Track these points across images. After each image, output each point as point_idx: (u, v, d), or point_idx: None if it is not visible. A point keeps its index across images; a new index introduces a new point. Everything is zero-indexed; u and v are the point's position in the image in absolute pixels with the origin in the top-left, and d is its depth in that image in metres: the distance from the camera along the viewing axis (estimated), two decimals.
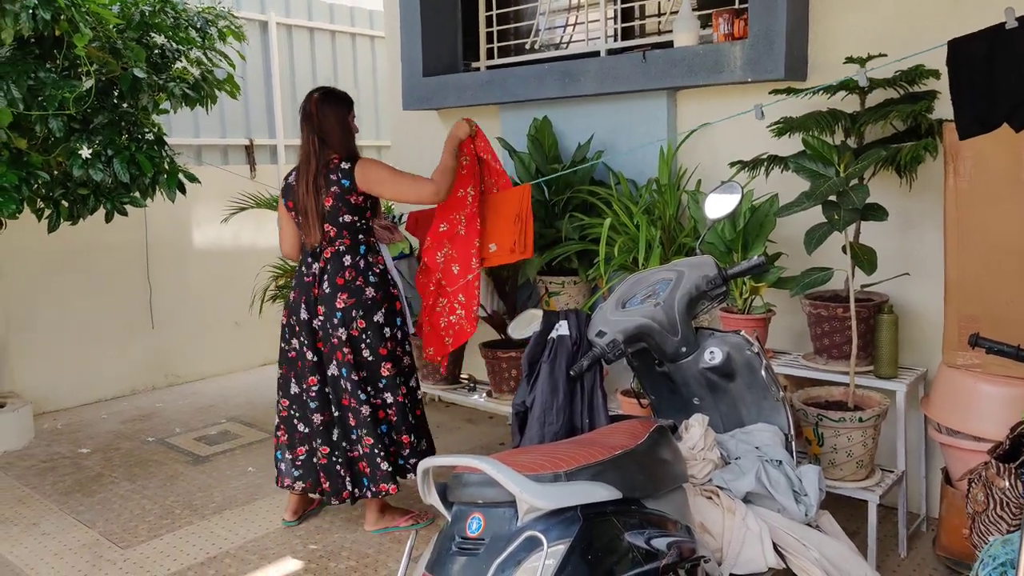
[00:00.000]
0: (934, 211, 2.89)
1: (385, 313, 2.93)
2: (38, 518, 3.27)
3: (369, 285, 2.91)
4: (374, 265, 2.95)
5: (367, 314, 2.89)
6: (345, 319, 2.86)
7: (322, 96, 2.91)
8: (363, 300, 2.89)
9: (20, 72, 2.95)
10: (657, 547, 1.59)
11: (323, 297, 2.89)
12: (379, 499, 3.03)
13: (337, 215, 2.87)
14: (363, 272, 2.91)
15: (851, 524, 2.79)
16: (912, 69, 2.71)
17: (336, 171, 2.85)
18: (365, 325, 2.89)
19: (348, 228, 2.89)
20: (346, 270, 2.89)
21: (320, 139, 2.87)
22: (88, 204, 3.36)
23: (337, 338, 2.88)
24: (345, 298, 2.87)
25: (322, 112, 2.87)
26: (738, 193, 2.29)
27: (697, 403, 2.23)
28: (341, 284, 2.88)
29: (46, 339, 4.69)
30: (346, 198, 2.85)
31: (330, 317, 2.87)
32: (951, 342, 2.67)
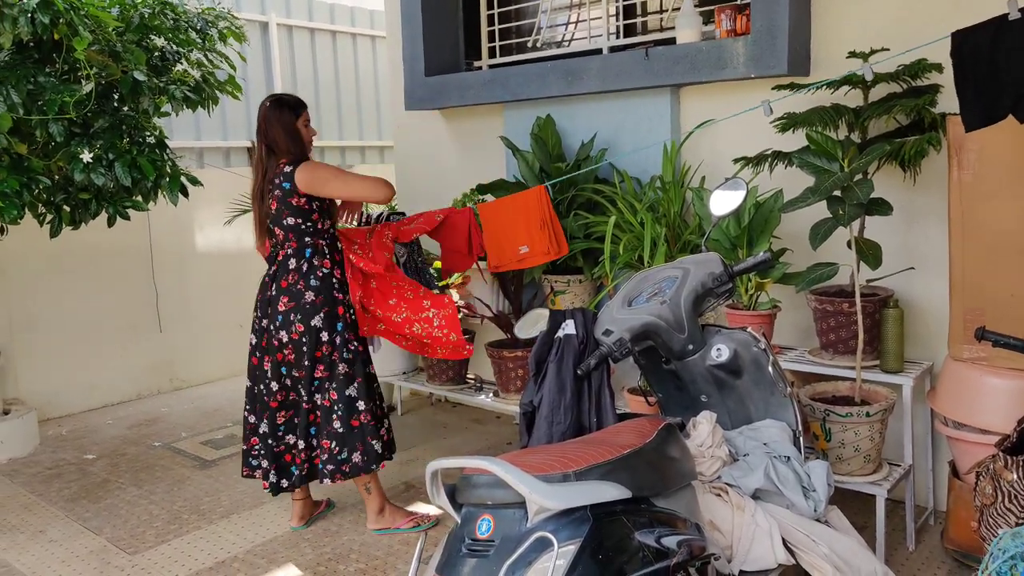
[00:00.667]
0: (938, 205, 2.88)
1: (324, 318, 2.91)
2: (45, 525, 3.27)
3: (309, 289, 2.91)
4: (318, 268, 2.94)
5: (304, 318, 2.89)
6: (284, 322, 2.90)
7: (270, 104, 2.97)
8: (302, 304, 2.90)
9: (19, 77, 2.95)
10: (667, 546, 1.59)
11: (270, 299, 2.95)
12: (379, 499, 3.07)
13: (281, 218, 2.91)
14: (304, 275, 2.92)
15: (859, 518, 2.79)
16: (915, 63, 2.70)
17: (280, 175, 2.90)
18: (303, 329, 2.89)
19: (293, 231, 2.92)
20: (290, 273, 2.93)
21: (267, 147, 2.94)
22: (90, 208, 3.35)
23: (278, 340, 2.93)
24: (286, 301, 2.91)
25: (268, 120, 2.94)
26: (743, 189, 2.29)
27: (705, 400, 2.23)
28: (284, 287, 2.93)
29: (50, 344, 4.70)
30: (288, 200, 2.88)
31: (273, 319, 2.93)
32: (956, 336, 2.67)
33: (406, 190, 4.70)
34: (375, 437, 3.00)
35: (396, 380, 4.22)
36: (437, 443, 4.04)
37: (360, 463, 2.97)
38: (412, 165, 4.72)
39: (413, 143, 4.67)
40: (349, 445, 2.96)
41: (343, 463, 2.95)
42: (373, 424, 3.00)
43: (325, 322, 2.92)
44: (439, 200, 4.09)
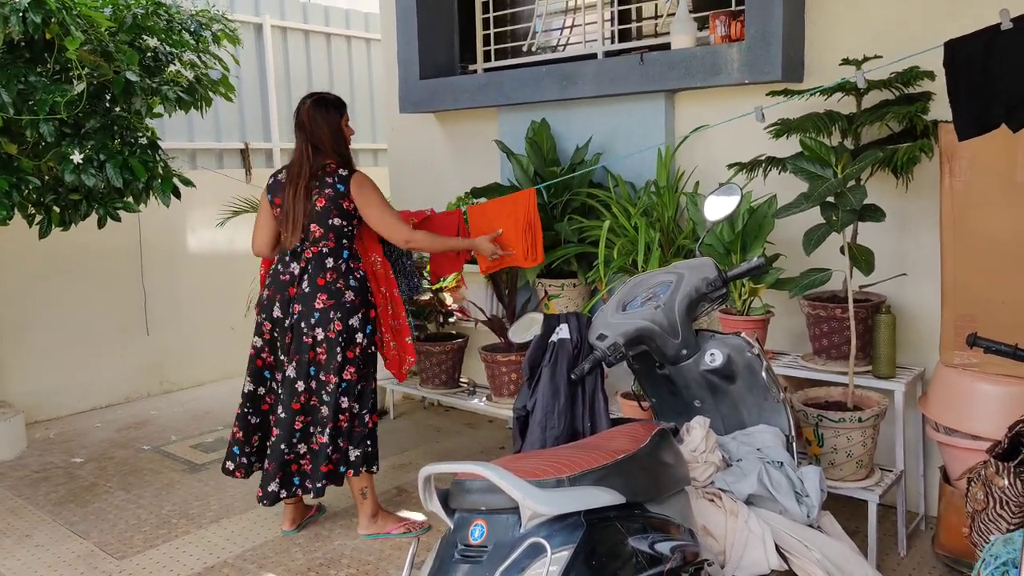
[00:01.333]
0: (930, 212, 2.89)
1: (360, 319, 2.95)
2: (31, 529, 3.24)
3: (349, 288, 2.93)
4: (356, 270, 2.98)
5: (344, 317, 2.90)
6: (323, 319, 2.88)
7: (314, 103, 2.96)
8: (342, 302, 2.90)
9: (10, 76, 2.92)
10: (661, 551, 1.58)
11: (301, 296, 2.91)
12: (373, 504, 3.05)
13: (328, 217, 2.90)
14: (344, 275, 2.93)
15: (851, 524, 2.79)
16: (907, 71, 2.71)
17: (333, 175, 2.91)
18: (342, 328, 2.90)
19: (335, 231, 2.93)
20: (327, 272, 2.92)
21: (313, 146, 2.93)
22: (80, 210, 3.33)
23: (312, 338, 2.90)
24: (324, 299, 2.89)
25: (314, 120, 2.93)
26: (737, 195, 2.29)
27: (698, 405, 2.22)
28: (322, 284, 2.90)
29: (38, 346, 4.66)
30: (339, 202, 2.90)
31: (307, 316, 2.89)
32: (948, 342, 2.68)
33: (400, 193, 4.69)
34: (373, 442, 3.07)
35: (389, 384, 4.20)
36: (429, 447, 4.02)
37: (356, 461, 3.00)
38: (406, 168, 4.71)
39: (407, 146, 4.66)
40: (370, 440, 3.03)
41: (355, 461, 2.99)
42: (371, 428, 3.06)
43: (361, 323, 2.95)
44: (433, 204, 4.08)
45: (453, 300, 4.08)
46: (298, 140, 2.97)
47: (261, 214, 3.08)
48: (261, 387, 3.07)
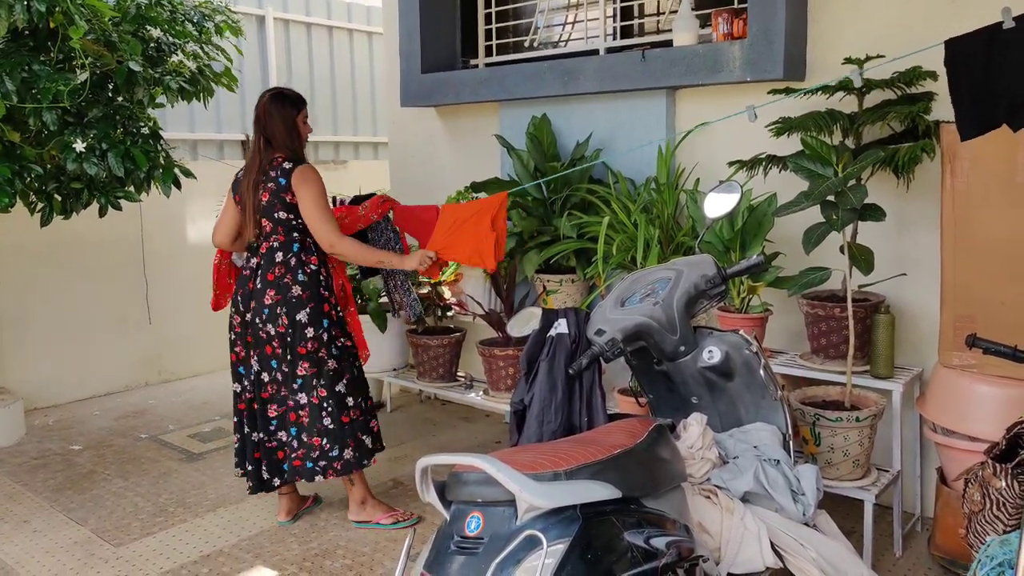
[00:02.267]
0: (931, 212, 2.89)
1: (310, 313, 2.91)
2: (29, 515, 3.25)
3: (296, 283, 2.92)
4: (306, 264, 2.95)
5: (291, 312, 2.90)
6: (271, 315, 2.90)
7: (271, 97, 2.99)
8: (288, 297, 2.90)
9: (14, 65, 2.92)
10: (656, 546, 1.59)
11: (255, 292, 2.94)
12: (362, 490, 3.08)
13: (272, 211, 2.92)
14: (292, 269, 2.93)
15: (847, 523, 2.79)
16: (910, 70, 2.71)
17: (278, 169, 2.92)
18: (288, 322, 2.90)
19: (283, 224, 2.93)
20: (276, 266, 2.93)
21: (266, 140, 2.96)
22: (82, 198, 3.33)
23: (266, 333, 2.92)
24: (272, 294, 2.91)
25: (269, 113, 2.95)
26: (737, 192, 2.29)
27: (695, 402, 2.23)
28: (271, 280, 2.92)
29: (38, 335, 4.66)
30: (281, 195, 2.90)
31: (259, 312, 2.92)
32: (947, 342, 2.68)
33: (400, 186, 4.69)
34: (365, 432, 3.05)
35: (386, 376, 4.21)
36: (426, 440, 4.03)
37: (352, 459, 2.99)
38: (406, 161, 4.71)
39: (408, 140, 4.66)
40: (340, 442, 2.97)
41: (335, 460, 2.96)
42: (362, 419, 3.05)
43: (311, 317, 2.92)
44: (432, 197, 4.08)
45: (451, 294, 4.08)
46: (254, 132, 3.01)
47: (225, 209, 3.10)
48: (238, 383, 3.07)
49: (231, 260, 3.23)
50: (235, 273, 3.19)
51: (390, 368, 4.18)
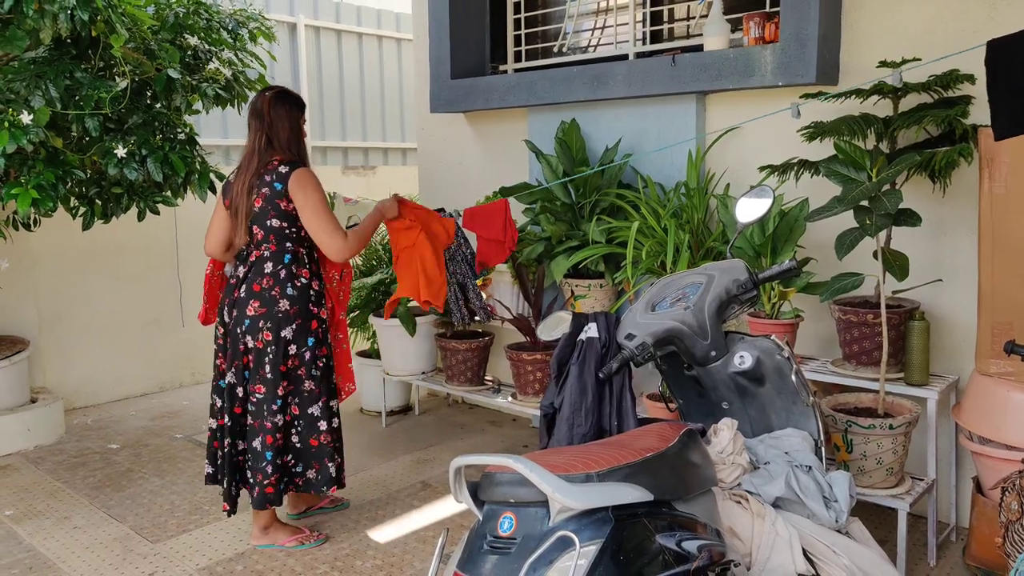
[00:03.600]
0: (968, 217, 2.86)
1: (296, 330, 2.76)
2: (69, 512, 3.33)
3: (284, 298, 2.75)
4: (296, 277, 2.78)
5: (275, 327, 2.74)
6: (252, 328, 2.74)
7: (276, 96, 2.83)
8: (274, 312, 2.74)
9: (58, 72, 3.01)
10: (688, 549, 1.59)
11: (239, 300, 2.78)
12: (265, 513, 2.90)
13: (265, 218, 2.75)
14: (281, 282, 2.76)
15: (880, 532, 2.77)
16: (947, 73, 2.68)
17: (273, 173, 2.75)
18: (271, 338, 2.74)
19: (275, 233, 2.76)
20: (264, 277, 2.76)
21: (267, 138, 2.78)
22: (121, 203, 3.42)
23: (244, 344, 2.77)
24: (256, 306, 2.75)
25: (274, 111, 2.79)
26: (770, 197, 2.29)
27: (726, 407, 2.22)
28: (256, 291, 2.76)
29: (77, 336, 4.77)
30: (276, 202, 2.73)
31: (240, 322, 2.77)
32: (984, 349, 2.64)
33: (429, 192, 4.73)
34: (331, 459, 2.91)
35: (414, 380, 4.24)
36: (453, 444, 4.06)
37: (314, 480, 2.90)
38: (435, 167, 4.75)
39: (437, 145, 4.70)
40: (304, 461, 2.88)
41: (296, 476, 2.89)
42: (331, 446, 2.91)
43: (296, 335, 2.78)
44: (461, 203, 4.11)
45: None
46: (252, 130, 2.81)
47: (215, 213, 2.94)
48: (219, 398, 2.91)
49: (223, 271, 3.08)
50: (223, 284, 3.05)
51: (418, 372, 4.22)
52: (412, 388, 4.54)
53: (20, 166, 3.04)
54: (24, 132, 2.80)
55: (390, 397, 4.43)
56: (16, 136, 2.79)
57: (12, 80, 2.91)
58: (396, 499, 3.39)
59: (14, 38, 2.85)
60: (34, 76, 2.94)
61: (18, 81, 2.92)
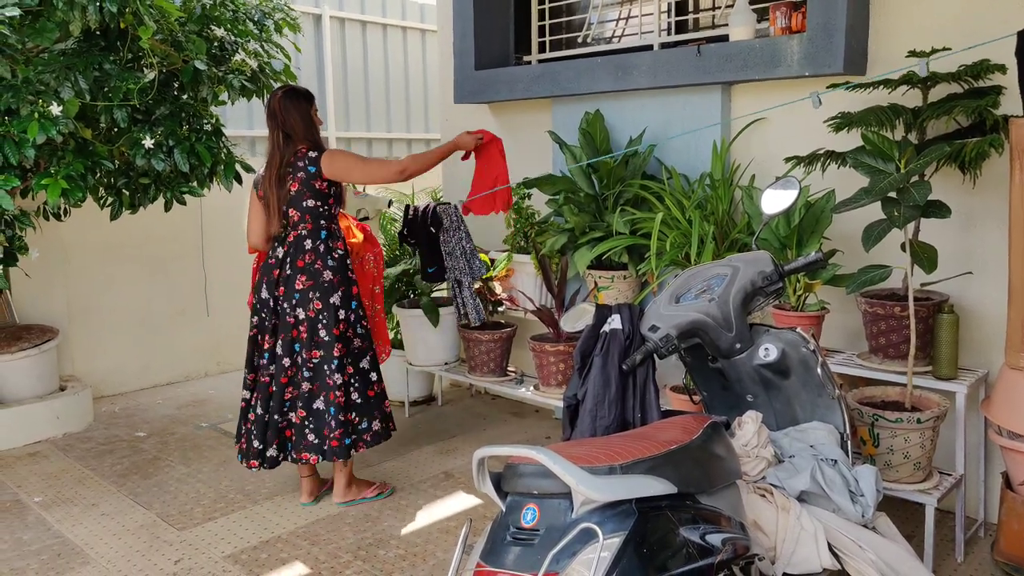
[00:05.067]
0: (998, 209, 2.81)
1: (341, 296, 3.09)
2: (97, 499, 3.39)
3: (327, 268, 3.07)
4: (334, 250, 3.11)
5: (323, 296, 3.05)
6: (303, 300, 3.04)
7: (285, 94, 3.10)
8: (320, 282, 3.05)
9: (87, 64, 3.05)
10: (712, 543, 1.59)
11: (284, 278, 3.08)
12: (346, 472, 3.21)
13: (301, 199, 3.05)
14: (322, 256, 3.07)
15: (906, 527, 2.74)
16: (977, 63, 2.63)
17: (303, 159, 3.04)
18: (321, 306, 3.05)
19: (311, 212, 3.07)
20: (306, 253, 3.07)
21: (285, 134, 3.06)
22: (149, 193, 3.46)
23: (294, 317, 3.07)
24: (304, 280, 3.05)
25: (285, 109, 3.07)
26: (796, 189, 2.26)
27: (751, 400, 2.21)
28: (301, 267, 3.06)
29: (104, 326, 4.85)
30: (311, 183, 3.03)
31: (289, 297, 3.06)
32: (1014, 343, 2.59)
33: (452, 182, 4.73)
34: (384, 407, 3.28)
35: (437, 370, 4.26)
36: (476, 434, 4.07)
37: (380, 430, 3.21)
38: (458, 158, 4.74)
39: None
40: (368, 414, 3.18)
41: (364, 432, 3.17)
42: (382, 394, 3.27)
43: (343, 300, 3.09)
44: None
45: (503, 289, 4.11)
46: (270, 130, 3.10)
47: (251, 209, 3.17)
48: (254, 372, 3.20)
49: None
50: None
51: (442, 362, 4.23)
52: (435, 378, 4.56)
53: (50, 157, 3.09)
54: (54, 123, 2.84)
55: (413, 387, 4.46)
56: (46, 127, 2.82)
57: (42, 72, 2.95)
58: (419, 489, 3.41)
59: (44, 30, 2.89)
60: (63, 68, 2.98)
61: (48, 73, 2.95)
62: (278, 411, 3.12)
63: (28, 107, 2.84)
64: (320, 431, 3.10)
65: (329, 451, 3.09)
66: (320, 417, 3.10)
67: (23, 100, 2.84)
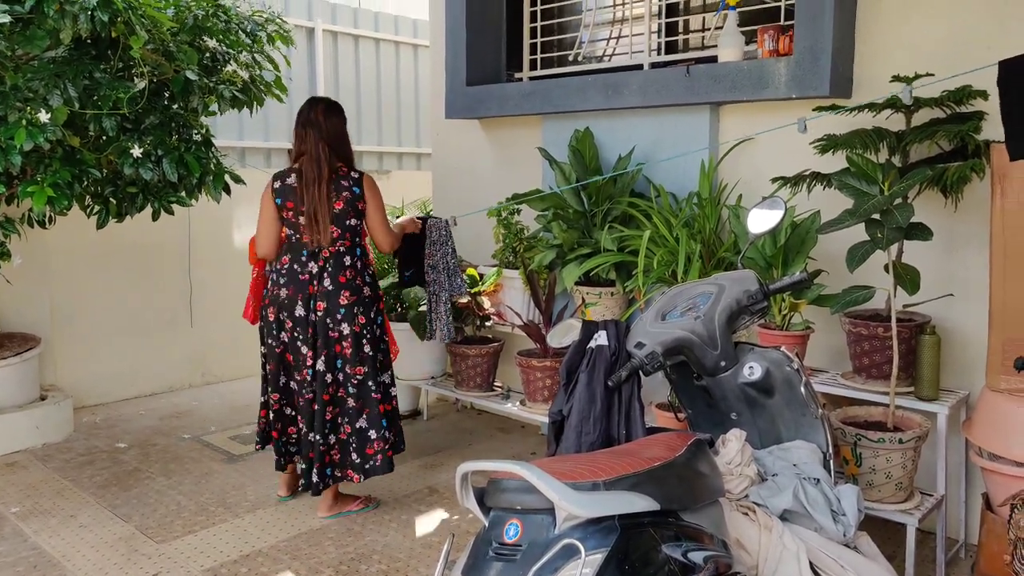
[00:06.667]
0: (980, 232, 2.84)
1: (376, 311, 3.19)
2: (76, 510, 3.34)
3: (366, 284, 3.15)
4: (368, 266, 3.20)
5: (366, 311, 3.12)
6: (348, 315, 3.07)
7: (328, 106, 3.12)
8: (363, 298, 3.12)
9: (77, 72, 3.04)
10: (694, 560, 1.59)
11: (324, 294, 3.06)
12: (331, 489, 3.19)
13: (345, 218, 3.07)
14: (360, 272, 3.14)
15: (888, 547, 2.74)
16: (959, 89, 2.68)
17: (347, 179, 3.08)
18: (365, 321, 3.11)
19: (351, 231, 3.11)
20: (347, 269, 3.09)
21: (329, 146, 3.05)
22: (136, 202, 3.44)
23: (339, 332, 3.08)
24: (348, 295, 3.08)
25: (330, 122, 3.08)
26: (781, 209, 2.28)
27: (735, 418, 2.22)
28: (343, 282, 3.08)
29: (88, 335, 4.80)
30: (356, 204, 3.08)
31: (333, 313, 3.06)
32: (995, 365, 2.62)
33: (443, 198, 4.75)
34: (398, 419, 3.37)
35: (423, 384, 4.25)
36: (461, 450, 4.05)
37: (398, 440, 3.31)
38: (449, 173, 4.77)
39: (451, 151, 4.72)
40: (392, 425, 3.26)
41: (388, 443, 3.20)
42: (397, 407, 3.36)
43: (377, 314, 3.20)
44: (474, 208, 4.13)
45: (490, 304, 4.11)
46: (310, 139, 3.03)
47: (268, 219, 3.11)
48: (287, 378, 3.23)
49: (264, 273, 3.34)
50: (265, 282, 3.28)
51: (428, 376, 4.22)
52: (421, 393, 4.54)
53: (37, 164, 3.07)
54: (41, 131, 2.83)
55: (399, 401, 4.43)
56: (33, 134, 2.82)
57: (31, 79, 2.94)
58: (403, 504, 3.39)
59: (35, 38, 2.89)
60: (53, 75, 2.97)
61: (37, 80, 2.95)
62: (320, 432, 3.08)
63: (16, 114, 2.83)
64: (363, 449, 3.12)
65: (371, 469, 3.12)
66: (363, 436, 3.12)
67: (11, 107, 2.84)
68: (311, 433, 3.09)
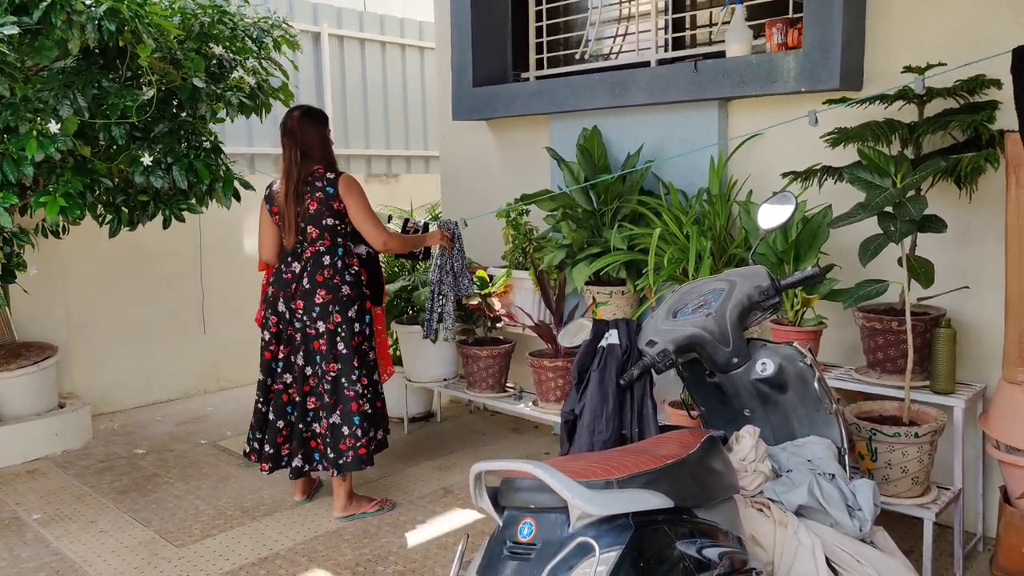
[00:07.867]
0: (995, 223, 2.82)
1: (357, 310, 3.19)
2: (96, 516, 3.37)
3: (345, 283, 3.17)
4: (350, 266, 3.22)
5: (342, 309, 3.14)
6: (323, 313, 3.13)
7: (303, 114, 3.19)
8: (339, 296, 3.15)
9: (85, 81, 3.06)
10: (709, 557, 1.58)
11: (302, 292, 3.15)
12: (345, 486, 3.25)
13: (321, 218, 3.13)
14: (340, 271, 3.17)
15: (905, 542, 2.72)
16: (973, 78, 2.65)
17: (321, 179, 3.14)
18: (340, 320, 3.14)
19: (330, 230, 3.16)
20: (325, 268, 3.15)
21: (302, 152, 3.14)
22: (148, 210, 3.46)
23: (315, 330, 3.15)
24: (324, 294, 3.13)
25: (303, 128, 3.15)
26: (792, 203, 2.27)
27: (748, 414, 2.20)
28: (320, 281, 3.14)
29: (104, 343, 4.85)
30: (330, 203, 3.13)
31: (309, 311, 3.14)
32: (1011, 358, 2.60)
33: (451, 200, 4.75)
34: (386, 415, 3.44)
35: (436, 386, 4.26)
36: (474, 450, 4.06)
37: (382, 439, 3.37)
38: (457, 175, 4.77)
39: (459, 153, 4.72)
40: (376, 424, 3.32)
41: (372, 441, 3.26)
42: (385, 407, 3.43)
43: (358, 314, 3.20)
44: (483, 209, 4.13)
45: (501, 305, 4.11)
46: (286, 147, 3.16)
47: (264, 225, 3.27)
48: (270, 378, 3.30)
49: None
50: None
51: (440, 378, 4.23)
52: (434, 395, 4.55)
53: (49, 174, 3.10)
54: (52, 141, 2.86)
55: (412, 403, 4.45)
56: (44, 145, 2.84)
57: (41, 90, 2.97)
58: (417, 505, 3.40)
59: (43, 48, 2.91)
60: (62, 86, 3.00)
61: (47, 91, 2.97)
62: (302, 421, 3.24)
63: (27, 125, 2.85)
64: (336, 445, 3.17)
65: (344, 464, 3.17)
66: (336, 431, 3.17)
67: (22, 118, 2.86)
68: (298, 423, 3.24)
